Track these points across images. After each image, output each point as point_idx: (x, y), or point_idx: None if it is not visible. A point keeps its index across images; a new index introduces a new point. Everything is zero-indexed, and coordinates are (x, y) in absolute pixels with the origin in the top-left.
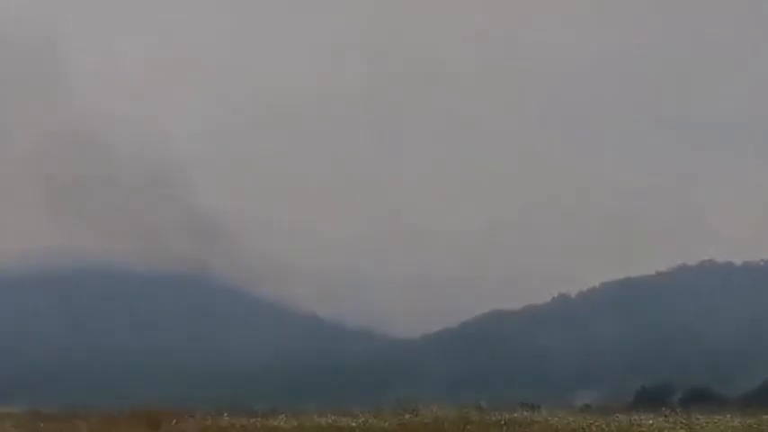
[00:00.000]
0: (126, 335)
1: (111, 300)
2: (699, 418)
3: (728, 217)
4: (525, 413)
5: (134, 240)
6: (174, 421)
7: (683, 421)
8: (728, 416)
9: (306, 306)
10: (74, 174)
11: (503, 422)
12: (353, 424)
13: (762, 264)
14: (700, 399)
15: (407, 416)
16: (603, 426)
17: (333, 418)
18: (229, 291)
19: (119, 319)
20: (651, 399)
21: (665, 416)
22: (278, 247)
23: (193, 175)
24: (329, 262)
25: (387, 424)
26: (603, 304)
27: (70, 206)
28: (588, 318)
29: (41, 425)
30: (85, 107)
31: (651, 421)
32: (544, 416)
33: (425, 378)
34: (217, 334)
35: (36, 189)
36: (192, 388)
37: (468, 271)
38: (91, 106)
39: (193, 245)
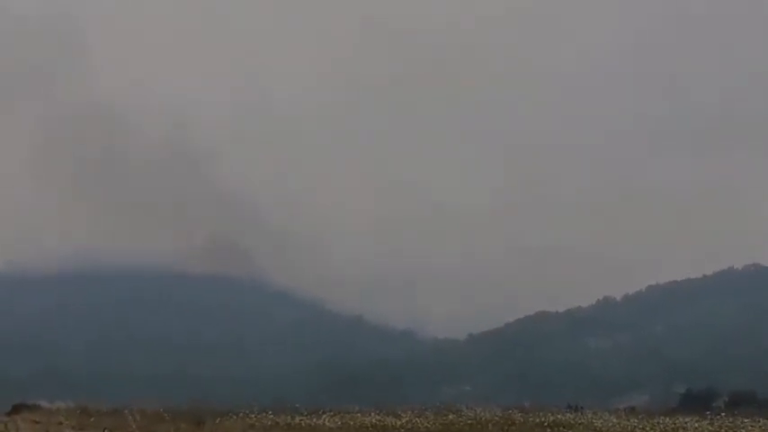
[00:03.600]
0: (168, 333)
1: (152, 297)
2: (744, 422)
3: None
4: (569, 415)
5: (179, 238)
6: (218, 419)
7: (728, 425)
8: None
9: (350, 307)
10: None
11: (546, 424)
12: (397, 423)
13: None
14: (745, 403)
15: (451, 416)
16: (648, 429)
17: (377, 417)
18: (273, 291)
19: (160, 317)
20: (696, 402)
21: (710, 420)
22: (321, 248)
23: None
24: (373, 262)
25: (430, 424)
26: (649, 308)
27: (105, 200)
28: (633, 321)
29: (91, 420)
30: (109, 89)
31: (696, 425)
32: (588, 418)
33: (469, 379)
34: (259, 333)
35: (69, 180)
36: (235, 387)
37: (513, 272)
38: (115, 88)
39: (236, 244)
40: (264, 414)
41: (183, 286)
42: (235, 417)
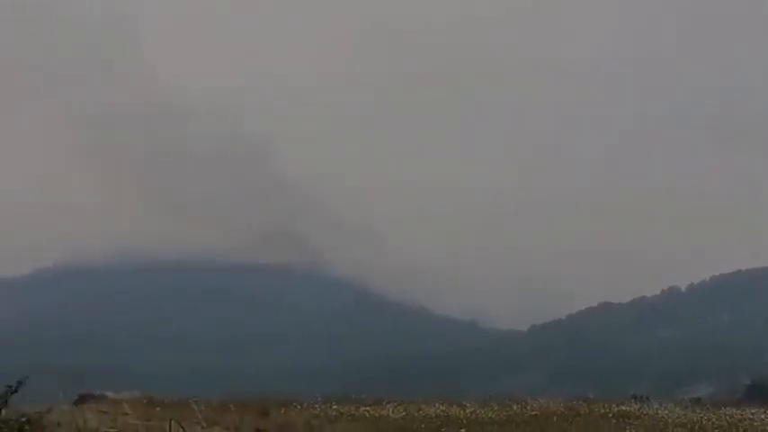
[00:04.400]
0: (228, 325)
1: (210, 289)
2: None
3: None
4: (634, 406)
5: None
6: (282, 410)
7: None
8: None
9: (413, 298)
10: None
11: (611, 414)
12: (461, 414)
13: None
14: None
15: (515, 407)
16: (714, 420)
17: (441, 408)
18: (333, 281)
19: (219, 309)
20: (762, 394)
21: None
22: (380, 239)
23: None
24: (434, 254)
25: (494, 415)
26: (714, 298)
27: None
28: (698, 311)
29: (156, 410)
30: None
31: (762, 416)
32: (653, 409)
33: (533, 370)
34: (320, 324)
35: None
36: (298, 378)
37: (576, 262)
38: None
39: (295, 234)
40: (328, 405)
41: (242, 277)
42: (299, 407)
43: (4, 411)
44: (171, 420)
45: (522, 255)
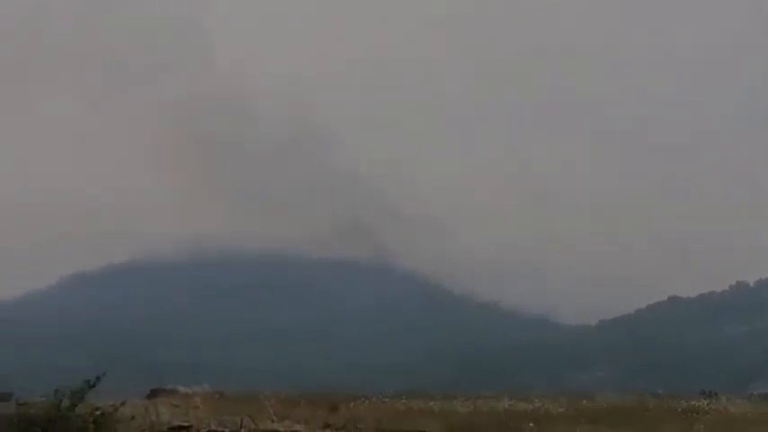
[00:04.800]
0: (296, 320)
1: (279, 284)
2: None
3: None
4: (703, 401)
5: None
6: (352, 404)
7: None
8: None
9: (481, 293)
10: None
11: (680, 410)
12: (530, 409)
13: None
14: None
15: (584, 402)
16: None
17: (509, 402)
18: (401, 276)
19: (288, 304)
20: None
21: None
22: (449, 233)
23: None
24: (505, 248)
25: (563, 409)
26: None
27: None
28: (766, 306)
29: (227, 404)
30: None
31: None
32: (723, 404)
33: (601, 365)
34: (389, 319)
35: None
36: (367, 373)
37: (646, 257)
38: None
39: (363, 229)
40: (398, 399)
41: (311, 272)
42: (368, 401)
43: (79, 405)
44: (242, 416)
45: (591, 249)
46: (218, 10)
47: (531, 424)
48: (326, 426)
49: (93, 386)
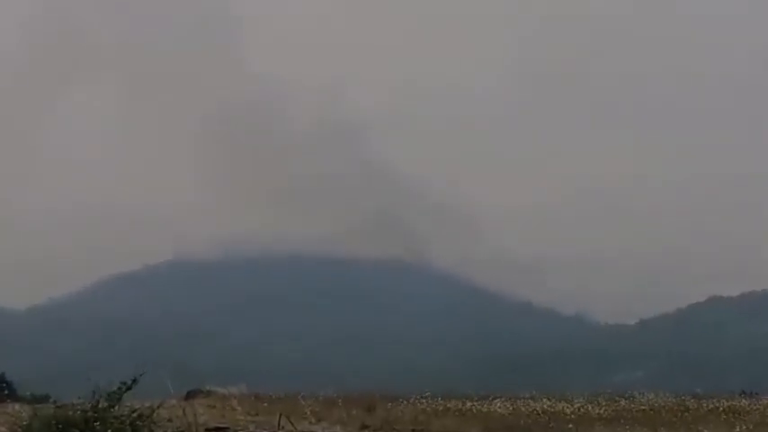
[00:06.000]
0: (333, 321)
1: (312, 285)
2: None
3: None
4: (744, 401)
5: (338, 221)
6: (389, 405)
7: None
8: None
9: (517, 292)
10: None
11: (721, 410)
12: (568, 410)
13: None
14: None
15: (623, 402)
16: None
17: (548, 403)
18: (439, 276)
19: (323, 305)
20: None
21: None
22: (484, 231)
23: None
24: (541, 247)
25: (602, 410)
26: None
27: (263, 185)
28: None
29: (264, 405)
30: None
31: None
32: (764, 404)
33: (641, 365)
34: (424, 319)
35: (227, 166)
36: (403, 373)
37: (686, 255)
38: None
39: (397, 227)
40: (435, 400)
41: (345, 270)
42: (405, 402)
43: (116, 407)
44: (280, 415)
45: (629, 246)
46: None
47: (571, 425)
48: (364, 426)
49: (130, 388)
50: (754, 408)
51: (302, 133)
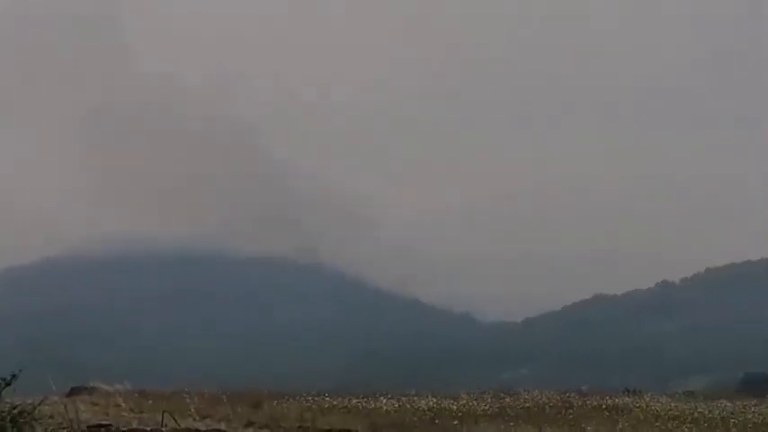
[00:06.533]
0: (220, 320)
1: (200, 283)
2: None
3: None
4: (627, 398)
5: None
6: (276, 402)
7: None
8: None
9: (407, 290)
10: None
11: (604, 407)
12: (454, 406)
13: None
14: None
15: (508, 399)
16: (707, 412)
17: (434, 400)
18: (330, 275)
19: (212, 303)
20: (756, 386)
21: None
22: (375, 229)
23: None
24: (430, 244)
25: (488, 407)
26: (708, 291)
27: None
28: (692, 304)
29: (149, 402)
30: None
31: (755, 409)
32: (646, 401)
33: (527, 362)
34: (313, 316)
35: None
36: (292, 373)
37: (570, 255)
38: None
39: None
40: (321, 397)
41: (234, 270)
42: (292, 399)
43: None
44: (164, 412)
45: (515, 245)
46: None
47: (456, 422)
48: (249, 423)
49: (9, 384)
50: (636, 405)
51: (191, 131)
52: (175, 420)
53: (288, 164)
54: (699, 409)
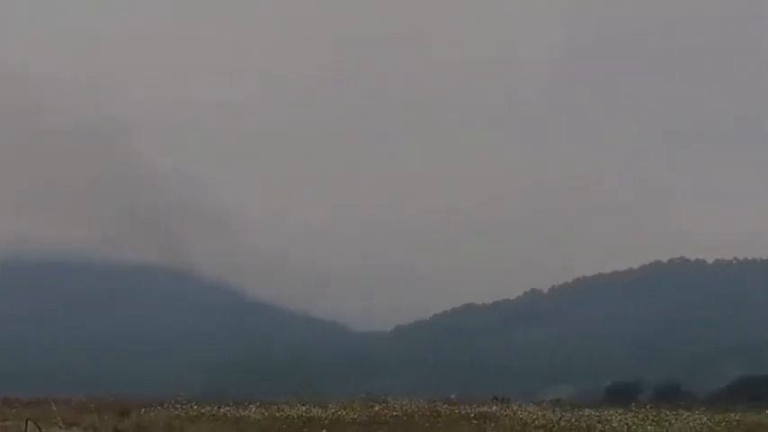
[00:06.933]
0: (83, 327)
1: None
2: (667, 415)
3: (701, 215)
4: (495, 407)
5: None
6: (143, 410)
7: (652, 418)
8: (697, 413)
9: (281, 299)
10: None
11: (472, 416)
12: (323, 415)
13: (734, 262)
14: (669, 396)
15: (377, 407)
16: (572, 420)
17: (303, 408)
18: (202, 282)
19: (75, 310)
20: (621, 395)
21: (635, 412)
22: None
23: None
24: (301, 253)
25: (356, 415)
26: (575, 300)
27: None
28: (560, 313)
29: (13, 410)
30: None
31: (619, 417)
32: (513, 410)
33: (398, 371)
34: (186, 326)
35: None
36: (160, 383)
37: (440, 264)
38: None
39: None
40: (189, 405)
41: (101, 277)
42: (159, 407)
43: None
44: (27, 420)
45: (385, 254)
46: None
47: (324, 430)
48: (116, 431)
49: None
50: (504, 413)
51: (58, 133)
52: (39, 429)
53: (159, 168)
54: (565, 418)
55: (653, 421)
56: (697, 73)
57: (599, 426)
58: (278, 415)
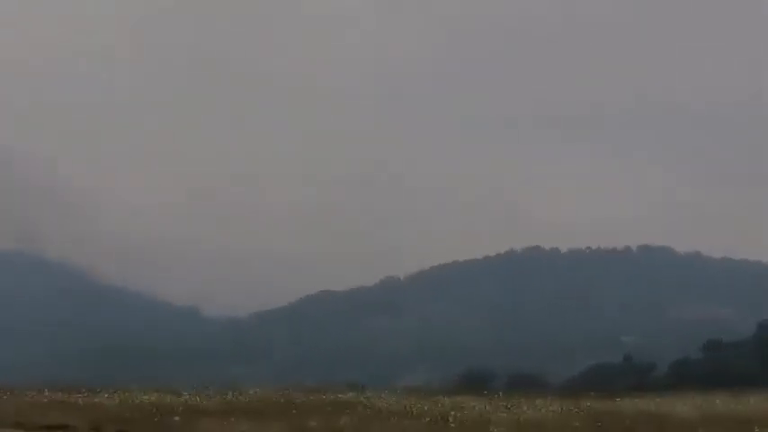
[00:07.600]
0: None
1: None
2: (519, 401)
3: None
4: (350, 394)
5: None
6: None
7: (505, 405)
8: (549, 400)
9: (135, 285)
10: None
11: (327, 402)
12: (177, 402)
13: (587, 251)
14: (523, 383)
15: (232, 395)
16: (425, 408)
17: (156, 395)
18: (52, 267)
19: None
20: (476, 382)
21: (488, 399)
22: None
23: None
24: (154, 238)
25: (211, 403)
26: (431, 287)
27: None
28: (416, 300)
29: None
30: None
31: (473, 404)
32: (368, 397)
33: (253, 357)
34: (35, 311)
35: None
36: (11, 366)
37: (297, 249)
38: None
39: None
40: (40, 392)
41: None
42: (8, 394)
43: None
44: None
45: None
46: None
47: (177, 417)
48: None
49: None
50: (359, 400)
51: None
52: None
53: (10, 150)
54: (418, 405)
55: (505, 408)
56: (546, 59)
57: (452, 413)
58: (131, 402)
